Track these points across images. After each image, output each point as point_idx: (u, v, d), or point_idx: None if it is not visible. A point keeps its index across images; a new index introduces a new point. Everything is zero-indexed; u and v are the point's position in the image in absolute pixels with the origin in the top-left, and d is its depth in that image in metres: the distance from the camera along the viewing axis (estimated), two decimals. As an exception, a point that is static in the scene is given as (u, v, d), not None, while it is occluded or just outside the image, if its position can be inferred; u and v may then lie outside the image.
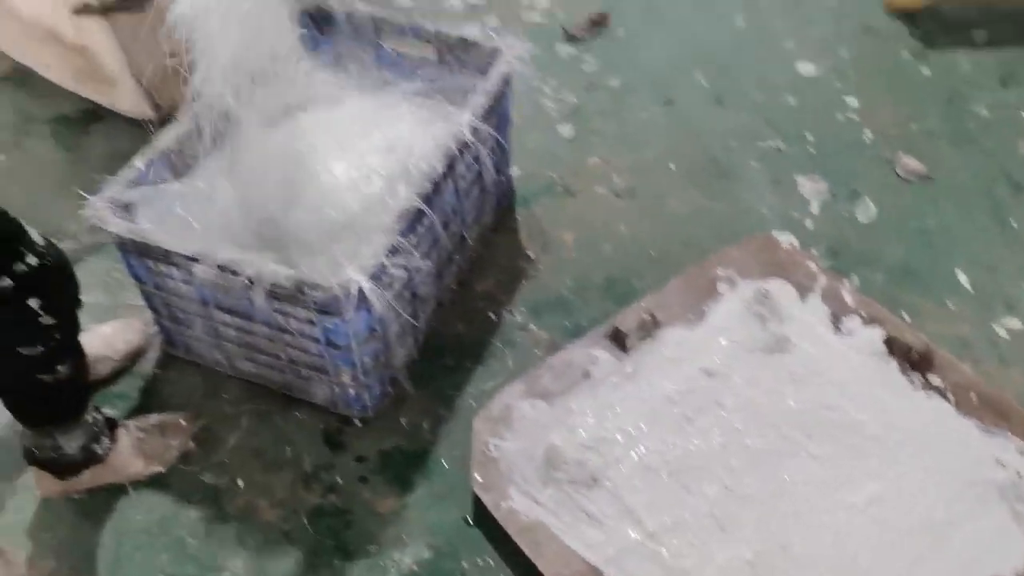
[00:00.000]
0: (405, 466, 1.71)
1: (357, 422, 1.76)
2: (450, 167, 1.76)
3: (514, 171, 2.19)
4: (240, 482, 1.68)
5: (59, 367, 1.45)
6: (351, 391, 1.70)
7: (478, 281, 2.01)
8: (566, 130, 2.37)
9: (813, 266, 1.93)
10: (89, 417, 1.58)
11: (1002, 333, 1.91)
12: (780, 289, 1.88)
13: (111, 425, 1.65)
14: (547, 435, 1.65)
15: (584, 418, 1.68)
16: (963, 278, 2.01)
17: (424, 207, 1.65)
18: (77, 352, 1.50)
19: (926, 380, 1.74)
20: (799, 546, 1.51)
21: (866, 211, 2.15)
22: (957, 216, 2.15)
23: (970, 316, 1.94)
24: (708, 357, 1.78)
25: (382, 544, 1.59)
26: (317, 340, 1.61)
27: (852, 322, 1.83)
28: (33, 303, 1.34)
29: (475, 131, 1.77)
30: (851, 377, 1.74)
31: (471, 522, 1.63)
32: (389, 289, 1.60)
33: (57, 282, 1.40)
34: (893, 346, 1.78)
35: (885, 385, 1.74)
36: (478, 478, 1.60)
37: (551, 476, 1.61)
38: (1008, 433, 1.65)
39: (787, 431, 1.68)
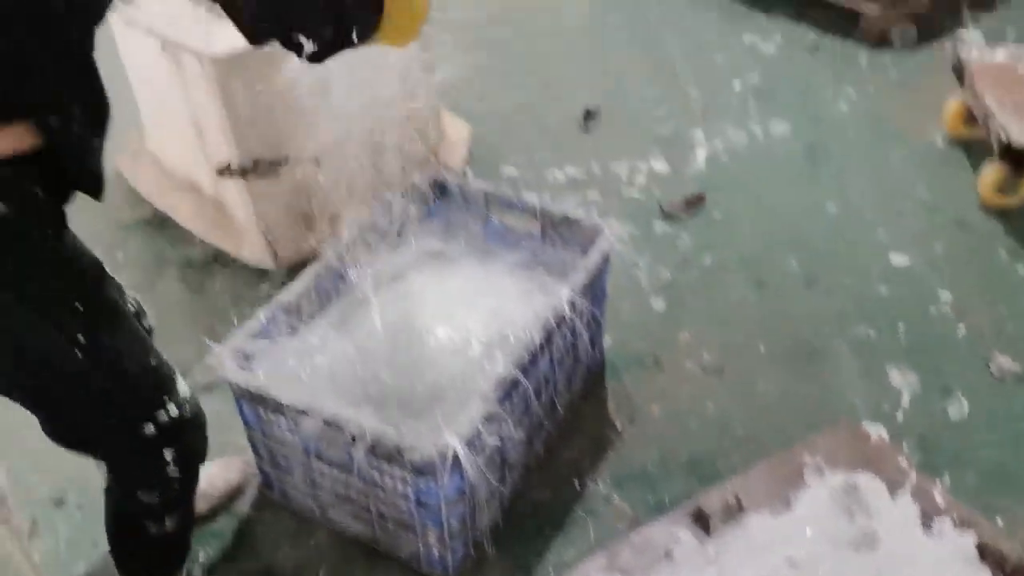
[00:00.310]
0: (481, 633, 1.72)
1: (438, 582, 1.79)
2: (547, 339, 1.84)
3: (605, 341, 2.26)
4: (320, 633, 1.71)
5: (168, 520, 1.50)
6: (435, 551, 1.74)
7: (565, 448, 2.06)
8: (658, 304, 2.45)
9: (904, 462, 1.91)
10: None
11: (1105, 547, 1.84)
12: (869, 483, 1.86)
13: None
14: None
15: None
16: (1062, 485, 1.97)
17: (520, 376, 1.73)
18: (188, 507, 1.56)
19: (1022, 593, 1.69)
20: None
21: (959, 408, 2.14)
22: (1055, 420, 2.12)
23: (1069, 527, 1.89)
24: (793, 547, 1.75)
25: None
26: (408, 498, 1.67)
27: (943, 524, 1.79)
28: (167, 453, 1.42)
29: (573, 306, 1.86)
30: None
31: None
32: (481, 454, 1.66)
33: (192, 436, 1.48)
34: (986, 553, 1.73)
35: (978, 595, 1.69)
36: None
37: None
38: (1110, 659, 1.58)
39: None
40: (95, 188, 1.30)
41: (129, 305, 1.43)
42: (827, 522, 1.80)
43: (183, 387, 1.45)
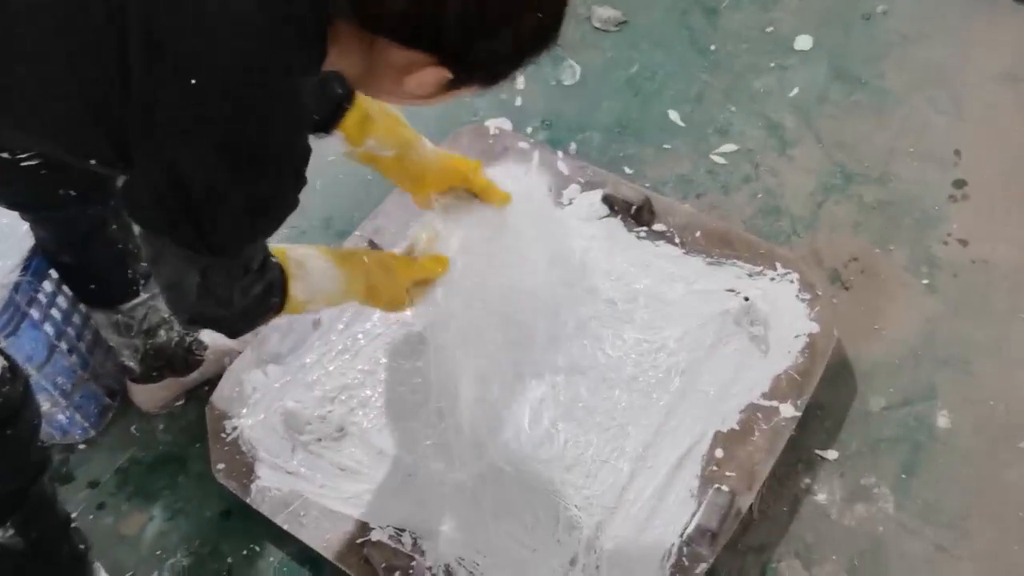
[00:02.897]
0: (147, 477, 1.57)
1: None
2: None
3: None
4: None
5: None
6: (61, 417, 1.54)
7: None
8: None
9: (525, 145, 1.86)
10: None
11: (719, 160, 1.91)
12: (498, 174, 1.80)
13: None
14: (284, 400, 1.54)
15: (320, 370, 1.58)
16: (674, 116, 2.00)
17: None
18: (31, 520, 1.23)
19: (651, 229, 1.73)
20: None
21: (571, 73, 2.10)
22: (659, 55, 2.12)
23: (688, 152, 1.93)
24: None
25: (137, 569, 1.46)
26: None
27: (571, 191, 1.78)
28: None
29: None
30: (581, 245, 1.69)
31: (231, 515, 1.52)
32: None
33: None
34: (614, 204, 1.75)
35: (614, 244, 1.71)
36: (219, 466, 1.49)
37: (297, 440, 1.51)
38: (735, 260, 1.66)
39: (532, 311, 1.61)
40: None
41: None
42: (466, 218, 1.72)
43: None
